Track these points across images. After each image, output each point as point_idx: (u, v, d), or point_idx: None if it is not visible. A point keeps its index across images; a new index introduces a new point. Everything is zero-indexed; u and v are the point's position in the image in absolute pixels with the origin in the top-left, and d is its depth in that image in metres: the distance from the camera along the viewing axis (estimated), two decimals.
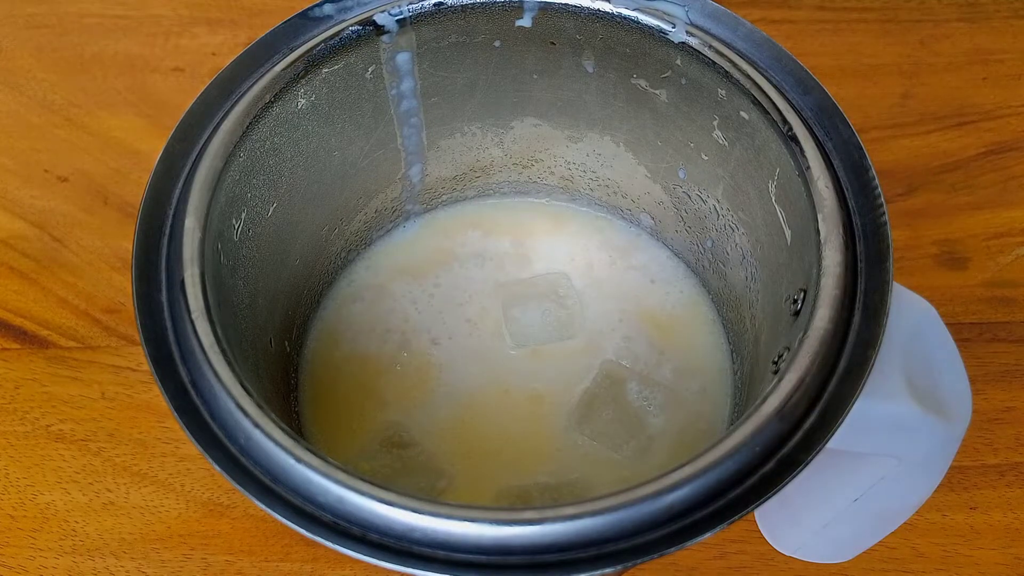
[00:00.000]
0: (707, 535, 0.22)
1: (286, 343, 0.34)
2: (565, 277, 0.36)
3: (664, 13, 0.29)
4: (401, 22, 0.30)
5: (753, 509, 0.22)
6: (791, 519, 0.32)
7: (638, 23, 0.29)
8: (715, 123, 0.30)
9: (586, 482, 0.32)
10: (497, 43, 0.32)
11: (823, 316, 0.24)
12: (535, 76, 0.33)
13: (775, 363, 0.27)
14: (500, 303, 0.36)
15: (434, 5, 0.30)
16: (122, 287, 0.44)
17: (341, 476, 0.22)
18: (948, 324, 0.27)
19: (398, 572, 0.22)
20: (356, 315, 0.36)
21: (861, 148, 0.27)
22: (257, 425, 0.23)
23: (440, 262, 0.37)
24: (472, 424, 0.33)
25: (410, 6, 0.30)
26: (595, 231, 0.38)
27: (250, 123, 0.28)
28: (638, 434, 0.32)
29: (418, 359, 0.35)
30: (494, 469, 0.32)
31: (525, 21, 0.31)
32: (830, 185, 0.26)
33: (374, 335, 0.35)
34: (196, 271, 0.25)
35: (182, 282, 0.25)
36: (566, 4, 0.30)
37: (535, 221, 0.38)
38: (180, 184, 0.27)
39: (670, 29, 0.29)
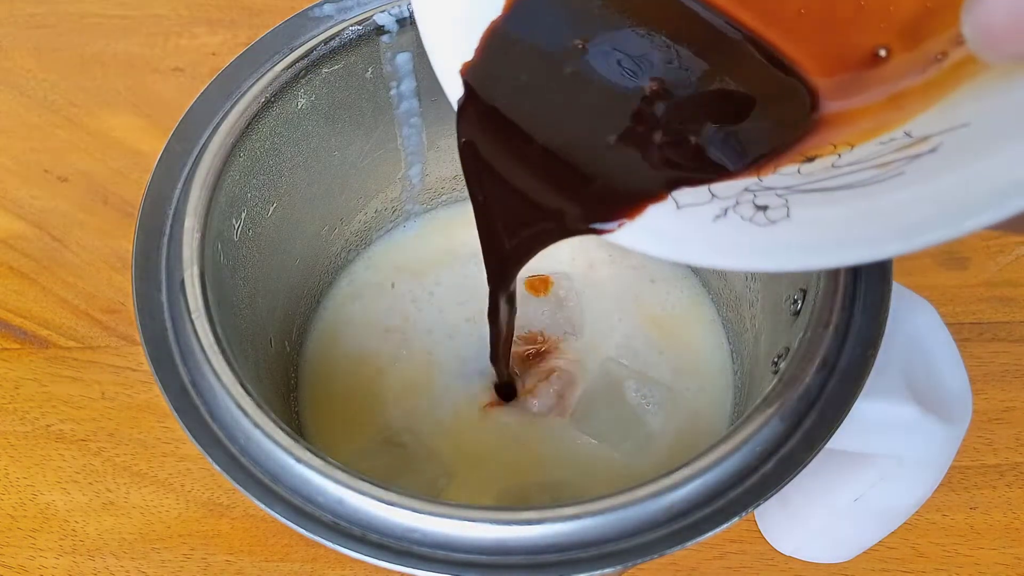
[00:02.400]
0: (707, 535, 0.22)
1: (286, 343, 0.34)
2: (566, 278, 0.36)
3: None
4: (401, 22, 0.30)
5: (753, 509, 0.22)
6: (791, 519, 0.32)
7: None
8: None
9: (585, 481, 0.32)
10: None
11: (823, 316, 0.24)
12: None
13: (775, 363, 0.27)
14: None
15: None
16: (122, 287, 0.44)
17: (341, 476, 0.22)
18: (948, 324, 0.27)
19: (398, 572, 0.22)
20: (357, 314, 0.36)
21: None
22: (257, 425, 0.23)
23: (441, 262, 0.37)
24: (472, 422, 0.33)
25: (410, 6, 0.30)
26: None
27: (250, 123, 0.28)
28: (636, 432, 0.32)
29: (419, 358, 0.35)
30: (494, 467, 0.32)
31: None
32: None
33: (375, 334, 0.35)
34: (196, 271, 0.25)
35: (182, 282, 0.25)
36: None
37: None
38: (180, 184, 0.27)
39: None
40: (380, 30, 0.30)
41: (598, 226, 0.22)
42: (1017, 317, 0.43)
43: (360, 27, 0.30)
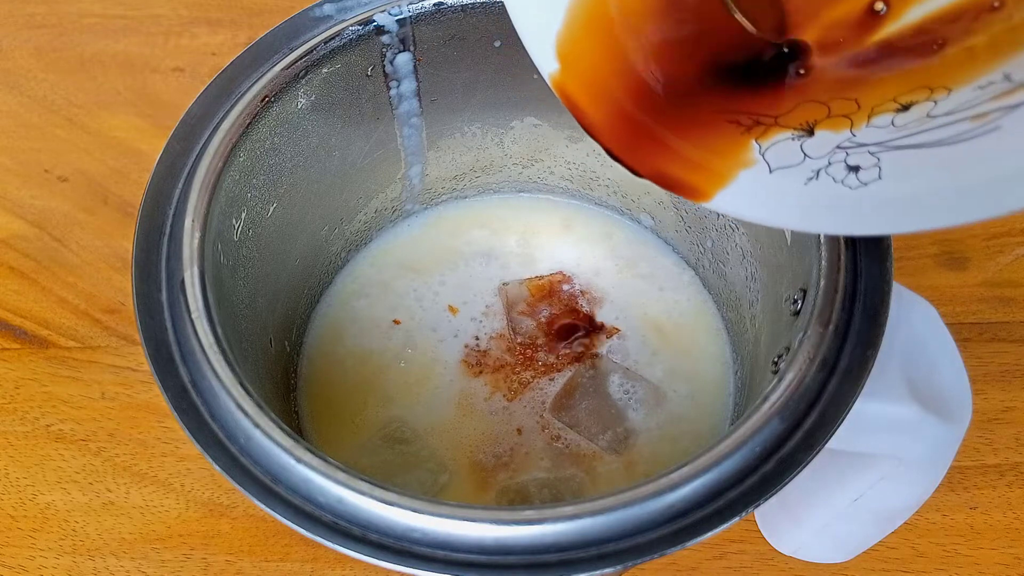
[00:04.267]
0: (707, 535, 0.22)
1: (286, 343, 0.34)
2: (568, 277, 0.36)
3: None
4: (401, 22, 0.30)
5: (753, 509, 0.22)
6: (791, 519, 0.32)
7: None
8: None
9: (583, 477, 0.32)
10: (497, 43, 0.32)
11: (823, 316, 0.24)
12: (535, 76, 0.33)
13: (775, 363, 0.27)
14: (504, 300, 0.36)
15: (434, 5, 0.30)
16: (122, 287, 0.44)
17: (341, 476, 0.22)
18: (948, 324, 0.27)
19: (398, 572, 0.22)
20: (360, 311, 0.36)
21: None
22: (257, 425, 0.23)
23: (445, 260, 0.37)
24: (474, 420, 0.33)
25: (410, 6, 0.30)
26: (602, 234, 0.38)
27: (250, 123, 0.28)
28: (614, 425, 0.32)
29: (422, 355, 0.35)
30: (494, 464, 0.32)
31: None
32: None
33: (378, 331, 0.35)
34: (196, 271, 0.25)
35: (182, 282, 0.25)
36: None
37: (540, 220, 0.38)
38: (180, 184, 0.27)
39: None
40: (380, 30, 0.30)
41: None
42: (1017, 317, 0.43)
43: (360, 27, 0.30)
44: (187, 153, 0.27)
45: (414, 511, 0.22)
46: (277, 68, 0.29)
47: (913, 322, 0.26)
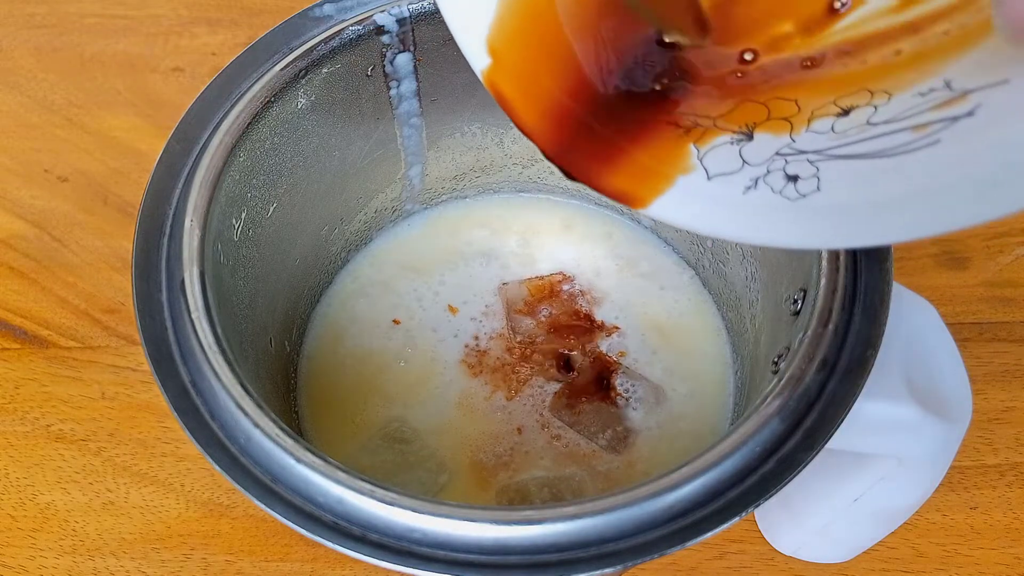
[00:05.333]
0: (707, 535, 0.22)
1: (286, 343, 0.34)
2: (568, 277, 0.36)
3: None
4: (401, 22, 0.30)
5: (753, 509, 0.22)
6: (791, 519, 0.32)
7: None
8: None
9: (582, 476, 0.32)
10: None
11: (823, 316, 0.24)
12: None
13: (775, 363, 0.27)
14: (504, 300, 0.36)
15: (434, 5, 0.30)
16: (122, 287, 0.44)
17: (341, 476, 0.22)
18: (948, 324, 0.27)
19: (398, 572, 0.22)
20: (360, 311, 0.36)
21: None
22: (257, 425, 0.23)
23: (446, 260, 0.37)
24: (474, 420, 0.33)
25: (410, 6, 0.30)
26: (602, 234, 0.38)
27: (250, 123, 0.28)
28: (614, 424, 0.32)
29: (422, 355, 0.35)
30: (494, 464, 0.32)
31: None
32: None
33: (378, 331, 0.35)
34: (196, 271, 0.25)
35: (182, 282, 0.25)
36: None
37: (540, 220, 0.38)
38: (180, 184, 0.27)
39: None
40: (380, 30, 0.30)
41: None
42: (1017, 317, 0.43)
43: (360, 27, 0.30)
44: (187, 153, 0.27)
45: (414, 511, 0.22)
46: (277, 68, 0.29)
47: (913, 322, 0.26)
